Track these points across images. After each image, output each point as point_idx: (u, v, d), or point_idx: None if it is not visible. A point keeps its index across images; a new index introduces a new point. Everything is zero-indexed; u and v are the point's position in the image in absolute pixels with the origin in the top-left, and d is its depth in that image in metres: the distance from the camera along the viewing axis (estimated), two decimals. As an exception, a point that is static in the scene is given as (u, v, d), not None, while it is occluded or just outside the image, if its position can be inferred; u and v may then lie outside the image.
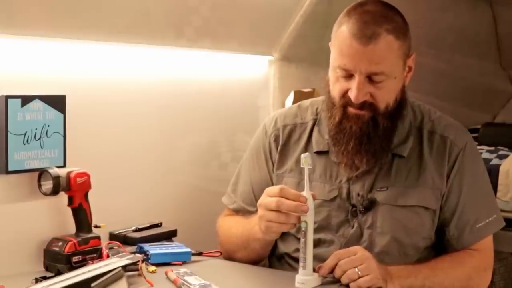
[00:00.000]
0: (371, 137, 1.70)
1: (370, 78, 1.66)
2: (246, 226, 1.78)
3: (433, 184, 1.74)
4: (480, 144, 3.05)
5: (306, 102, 1.93)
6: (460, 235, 1.76)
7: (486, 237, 1.79)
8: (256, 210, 1.80)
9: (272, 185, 1.85)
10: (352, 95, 1.67)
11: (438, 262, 1.74)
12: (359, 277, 1.59)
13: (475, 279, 1.77)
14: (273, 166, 1.87)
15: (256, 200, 1.86)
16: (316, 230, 1.66)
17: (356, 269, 1.59)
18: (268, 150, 1.89)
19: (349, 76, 1.68)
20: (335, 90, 1.72)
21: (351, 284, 1.59)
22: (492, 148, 3.01)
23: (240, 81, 2.38)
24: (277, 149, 1.87)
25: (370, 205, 1.74)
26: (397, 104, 1.73)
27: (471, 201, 1.76)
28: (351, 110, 1.70)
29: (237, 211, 1.92)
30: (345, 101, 1.70)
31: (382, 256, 1.70)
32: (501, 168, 2.80)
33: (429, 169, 1.75)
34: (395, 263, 1.69)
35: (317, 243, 1.72)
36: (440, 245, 1.79)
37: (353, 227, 1.75)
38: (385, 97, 1.70)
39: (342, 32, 1.68)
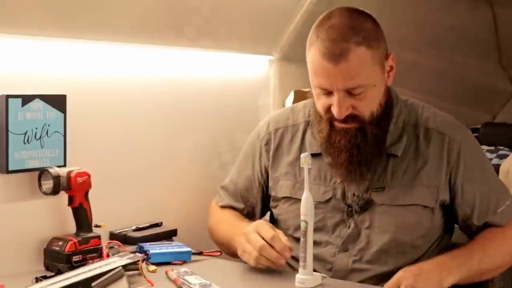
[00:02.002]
0: (361, 147, 1.71)
1: (349, 92, 1.66)
2: (230, 230, 1.82)
3: (429, 182, 1.74)
4: (480, 144, 3.05)
5: (300, 104, 1.95)
6: (486, 223, 1.76)
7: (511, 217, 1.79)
8: (243, 208, 1.91)
9: (257, 186, 1.90)
10: (334, 111, 1.68)
11: (485, 241, 1.74)
12: None
13: None
14: (261, 169, 1.90)
15: (242, 200, 1.90)
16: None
17: None
18: (258, 153, 1.90)
19: (328, 93, 1.69)
20: (319, 106, 1.74)
21: None
22: (492, 148, 3.01)
23: (241, 81, 2.38)
24: (268, 153, 1.89)
25: (366, 205, 1.74)
26: (382, 108, 1.73)
27: (486, 190, 1.77)
28: (337, 124, 1.71)
29: (225, 207, 1.96)
30: (330, 116, 1.71)
31: (380, 255, 1.71)
32: (501, 168, 2.80)
33: (426, 166, 1.75)
34: (393, 262, 1.70)
35: (313, 244, 1.72)
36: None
37: (349, 227, 1.75)
38: (368, 106, 1.70)
39: (313, 52, 1.68)
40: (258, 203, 1.92)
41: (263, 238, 1.62)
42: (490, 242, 1.75)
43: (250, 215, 1.92)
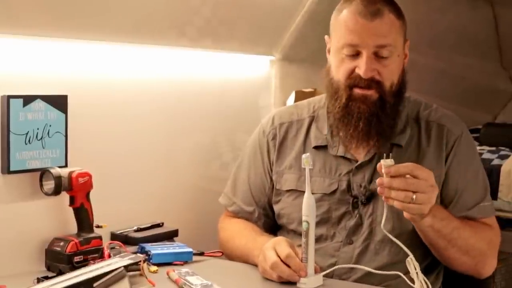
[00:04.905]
0: (379, 116, 1.73)
1: (376, 55, 1.70)
2: (248, 244, 1.79)
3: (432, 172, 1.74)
4: (481, 144, 3.06)
5: (304, 102, 1.96)
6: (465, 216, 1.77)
7: (490, 216, 1.81)
8: (254, 210, 1.88)
9: (268, 184, 1.88)
10: (361, 70, 1.70)
11: (466, 221, 1.75)
12: (410, 203, 1.56)
13: (489, 251, 1.78)
14: (270, 164, 1.89)
15: (254, 200, 1.88)
16: (317, 224, 1.67)
17: (414, 196, 1.55)
18: (266, 149, 1.90)
19: (355, 54, 1.71)
20: (340, 72, 1.74)
21: (396, 203, 1.56)
22: (493, 148, 3.01)
23: (242, 81, 2.38)
24: (274, 147, 1.89)
25: (371, 196, 1.75)
26: (399, 85, 1.76)
27: (470, 187, 1.78)
28: (357, 91, 1.72)
29: (236, 213, 1.93)
30: (351, 81, 1.73)
31: (384, 245, 1.72)
32: (502, 168, 2.80)
33: (428, 157, 1.77)
34: (397, 252, 1.70)
35: (318, 239, 1.73)
36: None
37: (354, 218, 1.76)
38: (391, 75, 1.73)
39: (344, 15, 1.73)
40: (271, 200, 1.91)
41: (279, 256, 1.61)
42: (470, 223, 1.75)
43: (261, 217, 1.91)
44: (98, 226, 1.80)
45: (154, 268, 1.71)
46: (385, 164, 1.57)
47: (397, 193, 1.55)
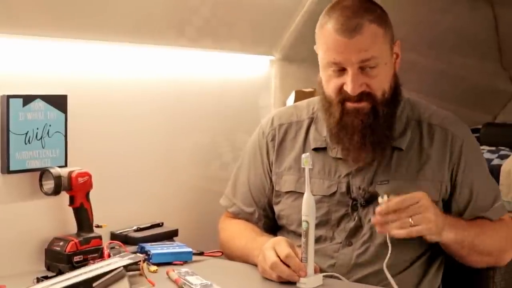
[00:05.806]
0: (373, 127, 1.72)
1: (362, 69, 1.69)
2: (248, 244, 1.79)
3: (433, 176, 1.75)
4: (481, 144, 3.05)
5: (303, 102, 1.96)
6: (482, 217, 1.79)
7: (503, 214, 1.82)
8: (254, 211, 1.88)
9: (268, 185, 1.88)
10: (348, 88, 1.69)
11: (483, 222, 1.77)
12: (411, 226, 1.59)
13: (508, 246, 1.80)
14: (269, 165, 1.89)
15: (254, 201, 1.88)
16: (317, 226, 1.67)
17: (410, 219, 1.59)
18: (265, 150, 1.90)
19: (341, 70, 1.70)
20: (330, 88, 1.74)
21: (399, 231, 1.59)
22: (493, 148, 3.01)
23: (241, 81, 2.38)
24: (274, 148, 1.89)
25: (371, 198, 1.74)
26: (392, 91, 1.75)
27: (483, 189, 1.79)
28: (349, 105, 1.72)
29: (236, 214, 1.93)
30: (342, 96, 1.72)
31: (383, 248, 1.71)
32: (502, 168, 2.80)
33: (430, 161, 1.77)
34: (395, 256, 1.69)
35: (317, 240, 1.73)
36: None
37: (353, 220, 1.76)
38: (380, 84, 1.72)
39: (326, 30, 1.71)
40: (271, 200, 1.91)
41: (278, 256, 1.61)
42: (487, 224, 1.77)
43: (261, 218, 1.91)
44: (97, 226, 1.80)
45: (153, 268, 1.71)
46: (380, 202, 1.62)
47: (393, 224, 1.60)
